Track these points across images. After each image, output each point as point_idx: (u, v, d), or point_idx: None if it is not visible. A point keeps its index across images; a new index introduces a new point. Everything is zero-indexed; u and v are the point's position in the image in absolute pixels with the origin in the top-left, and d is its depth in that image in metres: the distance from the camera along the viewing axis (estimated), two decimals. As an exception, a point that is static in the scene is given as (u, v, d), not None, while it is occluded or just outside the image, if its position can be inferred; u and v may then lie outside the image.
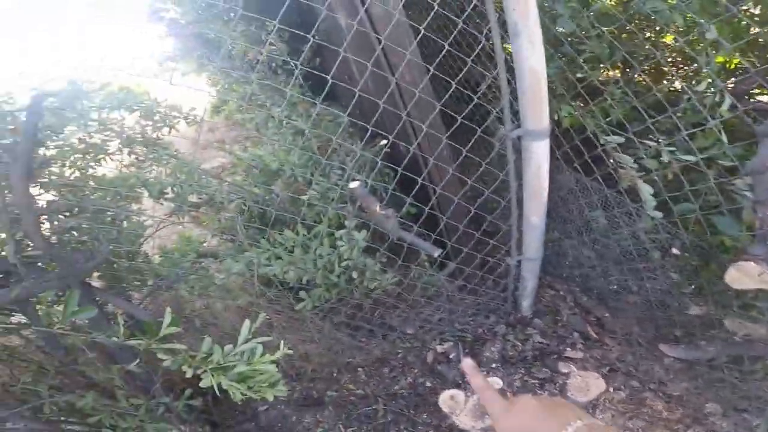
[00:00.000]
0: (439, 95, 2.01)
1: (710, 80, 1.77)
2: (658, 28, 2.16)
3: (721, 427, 2.01)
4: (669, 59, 2.41)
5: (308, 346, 2.29)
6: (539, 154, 1.83)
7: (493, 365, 2.35)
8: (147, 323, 0.97)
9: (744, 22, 1.94)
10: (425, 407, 2.32)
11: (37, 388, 1.25)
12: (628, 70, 2.46)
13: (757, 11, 2.01)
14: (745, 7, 1.92)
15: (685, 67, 2.44)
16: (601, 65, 2.11)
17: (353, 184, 1.85)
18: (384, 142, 2.19)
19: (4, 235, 1.34)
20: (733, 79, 2.04)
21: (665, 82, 2.47)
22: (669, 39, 2.36)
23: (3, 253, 1.46)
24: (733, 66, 2.11)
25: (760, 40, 1.91)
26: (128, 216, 1.94)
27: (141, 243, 1.98)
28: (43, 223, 1.59)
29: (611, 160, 1.91)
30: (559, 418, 0.54)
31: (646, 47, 2.13)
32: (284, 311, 2.04)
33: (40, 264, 1.52)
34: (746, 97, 2.10)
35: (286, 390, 1.14)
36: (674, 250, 1.98)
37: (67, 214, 1.69)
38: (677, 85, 2.40)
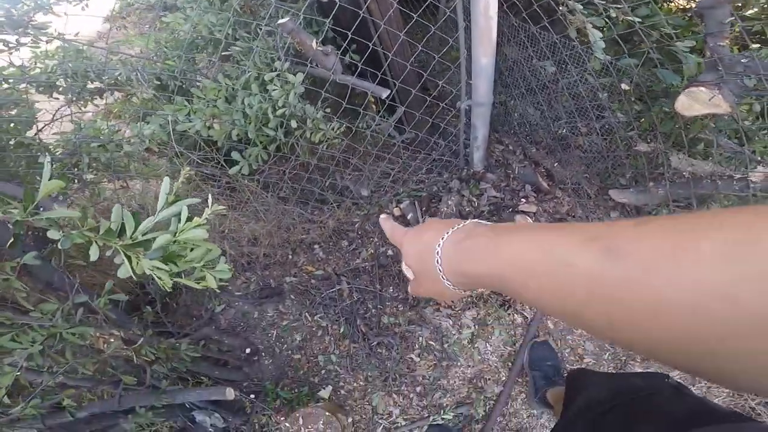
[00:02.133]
0: None
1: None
2: None
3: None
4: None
5: (255, 227, 2.10)
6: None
7: (451, 221, 2.30)
8: (25, 193, 0.69)
9: None
10: (390, 279, 2.27)
11: None
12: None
13: None
14: None
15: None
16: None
17: (282, 21, 1.56)
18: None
19: None
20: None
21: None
22: None
23: None
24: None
25: None
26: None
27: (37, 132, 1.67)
28: None
29: (560, 7, 1.79)
30: (443, 225, 0.61)
31: None
32: (217, 180, 1.80)
33: None
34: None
35: (230, 270, 0.89)
36: (624, 86, 1.94)
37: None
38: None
